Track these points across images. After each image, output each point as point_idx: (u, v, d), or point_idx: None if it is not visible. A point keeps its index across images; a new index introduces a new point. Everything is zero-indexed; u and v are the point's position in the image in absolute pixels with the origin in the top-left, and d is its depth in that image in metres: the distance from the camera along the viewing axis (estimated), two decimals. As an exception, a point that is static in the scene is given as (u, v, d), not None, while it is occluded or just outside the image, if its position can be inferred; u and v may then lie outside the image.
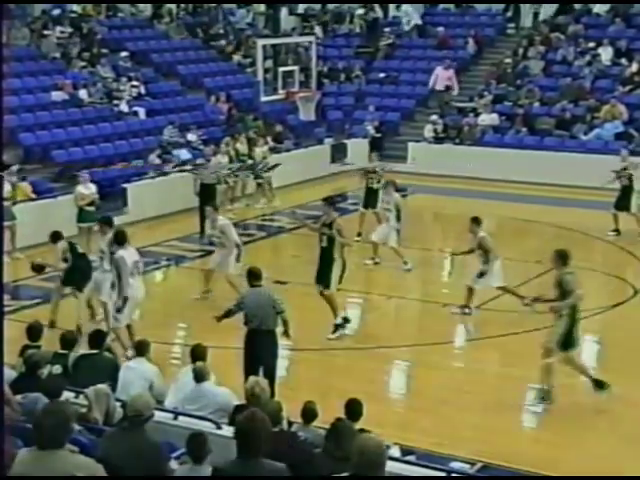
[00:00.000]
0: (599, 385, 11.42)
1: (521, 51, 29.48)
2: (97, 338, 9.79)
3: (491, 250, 14.30)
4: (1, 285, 5.53)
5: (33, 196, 19.38)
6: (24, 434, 7.16)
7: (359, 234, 18.50)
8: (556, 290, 11.25)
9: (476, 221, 14.47)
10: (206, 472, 6.31)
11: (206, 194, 19.67)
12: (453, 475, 7.63)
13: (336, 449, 7.03)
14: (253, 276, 11.01)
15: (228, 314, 11.19)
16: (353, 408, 8.05)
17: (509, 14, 31.93)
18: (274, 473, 5.66)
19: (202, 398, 8.74)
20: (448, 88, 28.05)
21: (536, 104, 26.98)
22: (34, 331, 9.88)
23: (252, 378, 8.25)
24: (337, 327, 13.57)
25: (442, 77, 28.09)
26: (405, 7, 32.36)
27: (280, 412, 7.32)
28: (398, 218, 16.92)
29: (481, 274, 14.37)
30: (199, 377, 8.88)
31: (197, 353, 9.39)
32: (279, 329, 10.97)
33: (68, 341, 9.76)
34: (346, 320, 13.73)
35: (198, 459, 6.50)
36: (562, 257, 11.33)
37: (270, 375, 10.14)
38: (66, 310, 14.83)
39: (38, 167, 21.16)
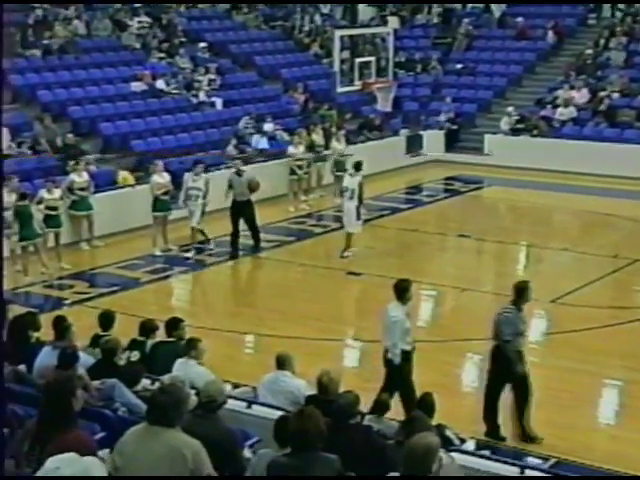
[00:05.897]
0: None
1: (602, 42, 28.96)
2: (173, 325, 9.93)
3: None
4: (1, 283, 5.66)
5: (133, 182, 19.72)
6: (102, 419, 7.33)
7: None
8: None
9: None
10: None
11: None
12: (526, 474, 7.58)
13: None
14: None
15: None
16: (426, 402, 8.03)
17: (591, 4, 31.36)
18: (326, 464, 5.74)
19: (278, 385, 8.76)
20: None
21: (616, 95, 26.45)
22: (106, 319, 9.92)
23: (323, 369, 8.23)
24: None
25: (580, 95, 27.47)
26: None
27: (356, 405, 7.23)
28: None
29: None
30: (280, 364, 8.86)
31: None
32: None
33: (147, 328, 9.94)
34: None
35: (285, 442, 6.46)
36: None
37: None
38: (139, 297, 15.11)
39: (114, 156, 21.42)
